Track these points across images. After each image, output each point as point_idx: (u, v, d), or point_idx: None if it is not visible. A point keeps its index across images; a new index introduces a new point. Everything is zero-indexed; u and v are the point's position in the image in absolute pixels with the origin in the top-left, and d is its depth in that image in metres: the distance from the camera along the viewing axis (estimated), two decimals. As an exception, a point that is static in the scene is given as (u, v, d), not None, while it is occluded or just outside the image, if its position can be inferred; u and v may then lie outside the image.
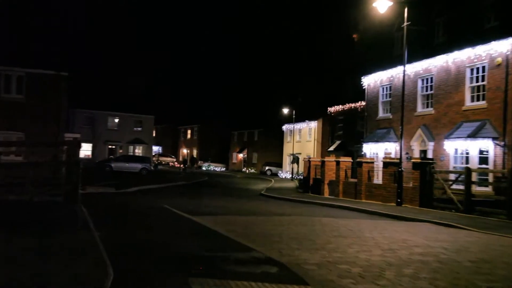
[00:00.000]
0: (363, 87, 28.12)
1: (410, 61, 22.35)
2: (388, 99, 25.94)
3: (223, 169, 65.29)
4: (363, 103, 31.82)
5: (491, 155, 18.74)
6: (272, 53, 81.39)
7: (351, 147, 34.94)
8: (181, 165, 56.88)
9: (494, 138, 18.59)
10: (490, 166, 18.60)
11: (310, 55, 64.69)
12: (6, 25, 26.66)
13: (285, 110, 48.46)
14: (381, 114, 26.49)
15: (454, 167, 20.26)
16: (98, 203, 16.02)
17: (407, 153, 22.97)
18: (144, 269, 6.06)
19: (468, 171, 16.29)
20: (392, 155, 24.13)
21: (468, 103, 20.35)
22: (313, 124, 46.32)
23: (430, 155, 21.78)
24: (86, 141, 49.42)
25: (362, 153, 27.07)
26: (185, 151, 76.34)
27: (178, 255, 6.99)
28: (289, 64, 74.39)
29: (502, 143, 18.35)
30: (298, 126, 48.73)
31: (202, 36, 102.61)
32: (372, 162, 22.34)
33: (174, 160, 71.90)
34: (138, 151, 54.67)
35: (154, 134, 69.75)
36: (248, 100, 75.49)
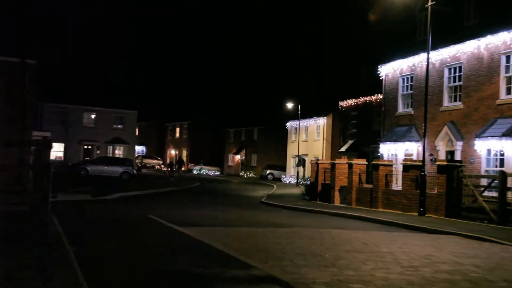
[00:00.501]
0: (380, 78, 28.13)
1: (435, 47, 22.36)
2: (409, 91, 25.97)
3: (218, 173, 65.29)
4: (380, 96, 31.77)
5: (529, 156, 18.77)
6: (275, 42, 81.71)
7: (366, 148, 34.96)
8: (167, 168, 56.88)
9: (532, 137, 18.61)
10: (528, 169, 18.63)
11: (319, 42, 64.84)
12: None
13: (289, 105, 48.49)
14: (401, 109, 26.51)
15: (486, 171, 20.28)
16: (72, 212, 16.01)
17: (431, 155, 22.99)
18: (126, 289, 6.08)
19: (503, 175, 16.30)
20: (414, 157, 24.15)
21: (503, 96, 20.36)
22: (322, 121, 46.35)
23: (458, 156, 21.80)
24: (58, 141, 49.38)
25: (379, 154, 27.06)
26: (173, 152, 76.29)
27: (166, 273, 7.01)
28: (294, 54, 74.67)
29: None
30: (304, 123, 48.75)
31: (195, 28, 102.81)
32: (391, 165, 22.33)
33: (161, 162, 71.88)
34: (119, 152, 54.66)
35: (137, 133, 69.67)
36: (247, 94, 75.68)
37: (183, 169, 67.69)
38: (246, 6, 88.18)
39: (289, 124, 52.55)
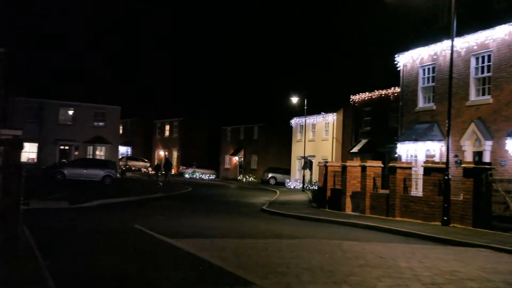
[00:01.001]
0: (397, 68, 28.11)
1: (460, 33, 22.31)
2: (431, 84, 25.95)
3: (213, 176, 65.38)
4: (397, 89, 31.71)
5: None
6: (278, 31, 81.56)
7: (381, 148, 34.94)
8: (154, 172, 56.86)
9: None
10: None
11: (328, 30, 64.84)
12: None
13: (294, 99, 48.48)
14: (421, 104, 26.50)
15: (519, 174, 20.26)
16: (47, 222, 15.96)
17: (456, 156, 22.96)
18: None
19: (538, 179, 16.25)
20: (436, 158, 24.13)
21: (537, 89, 20.32)
22: (331, 117, 46.35)
23: (487, 158, 21.76)
24: (30, 140, 49.37)
25: (396, 155, 27.03)
26: (162, 153, 76.33)
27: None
28: (300, 43, 74.54)
29: None
30: (311, 119, 48.75)
31: (188, 15, 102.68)
32: (410, 168, 22.30)
33: (148, 165, 71.99)
34: (100, 153, 54.68)
35: (121, 131, 69.69)
36: (246, 87, 75.61)
37: (173, 172, 67.78)
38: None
39: (294, 121, 52.52)
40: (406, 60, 27.40)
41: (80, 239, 12.66)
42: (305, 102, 45.89)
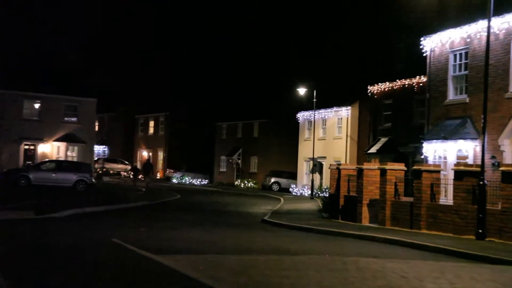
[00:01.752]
0: (423, 54, 28.07)
1: (498, 11, 22.23)
2: (463, 72, 25.90)
3: (205, 181, 65.34)
4: (423, 78, 31.58)
5: None
6: (286, 9, 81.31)
7: (404, 148, 34.88)
8: (130, 175, 56.88)
9: None
10: None
11: (341, 9, 64.68)
12: None
13: (302, 91, 48.42)
14: (451, 96, 26.45)
15: None
16: (8, 235, 15.91)
17: (493, 157, 22.91)
18: None
19: None
20: (469, 160, 24.08)
21: None
22: (345, 112, 46.32)
23: (529, 160, 21.72)
24: (-12, 139, 49.39)
25: (422, 156, 26.96)
26: (145, 153, 76.30)
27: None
28: (309, 25, 74.32)
29: None
30: (321, 114, 48.74)
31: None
32: (438, 171, 22.24)
33: (129, 168, 72.04)
34: (72, 154, 54.62)
35: (97, 128, 69.56)
36: (244, 76, 75.37)
37: (158, 176, 67.65)
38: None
39: (301, 117, 52.49)
40: (434, 44, 27.35)
41: (47, 254, 12.62)
42: (314, 93, 45.81)
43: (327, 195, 32.54)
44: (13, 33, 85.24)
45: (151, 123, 76.86)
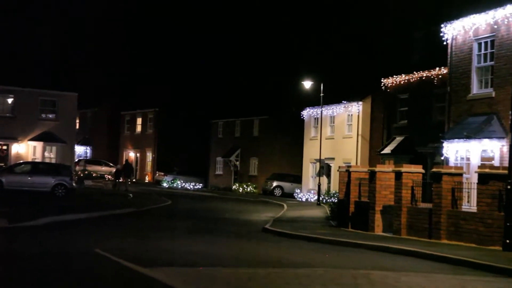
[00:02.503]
0: (444, 42, 28.02)
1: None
2: (489, 62, 25.85)
3: (199, 185, 65.29)
4: (444, 70, 31.52)
5: None
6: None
7: (422, 148, 34.84)
8: (112, 178, 56.79)
9: None
10: None
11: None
12: None
13: (307, 84, 48.29)
14: (475, 89, 26.40)
15: None
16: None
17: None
18: None
19: None
20: (495, 162, 24.02)
21: None
22: (356, 108, 46.25)
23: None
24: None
25: (442, 158, 26.92)
26: (132, 154, 76.26)
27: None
28: (314, 10, 74.31)
29: None
30: (329, 110, 48.66)
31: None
32: (460, 174, 22.19)
33: (114, 170, 72.04)
34: (50, 154, 54.58)
35: (78, 126, 69.47)
36: (245, 69, 75.20)
37: (147, 180, 67.65)
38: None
39: (306, 113, 52.43)
40: (456, 31, 27.30)
41: (19, 269, 12.57)
42: (321, 87, 45.75)
43: (335, 201, 32.54)
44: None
45: (139, 120, 76.76)
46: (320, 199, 43.90)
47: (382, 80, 40.36)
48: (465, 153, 25.66)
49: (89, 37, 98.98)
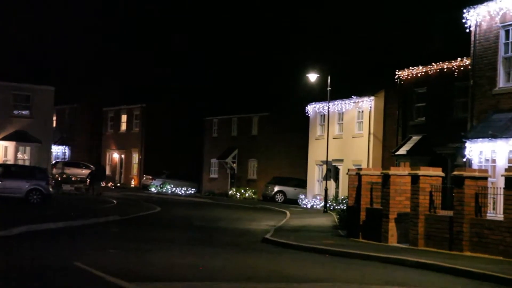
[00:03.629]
0: (467, 29, 27.97)
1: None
2: (517, 52, 25.83)
3: (192, 190, 65.20)
4: (466, 61, 31.44)
5: None
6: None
7: (442, 148, 34.82)
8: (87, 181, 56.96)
9: None
10: None
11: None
12: None
13: (312, 77, 48.22)
14: (502, 82, 26.36)
15: None
16: None
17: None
18: None
19: None
20: (524, 164, 24.00)
21: None
22: (367, 103, 46.17)
23: None
24: None
25: (464, 159, 26.89)
26: (116, 156, 76.15)
27: None
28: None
29: None
30: (337, 106, 48.58)
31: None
32: (485, 178, 22.12)
33: (88, 172, 72.09)
34: (24, 156, 54.52)
35: (55, 123, 69.33)
36: (243, 59, 75.12)
37: (133, 184, 67.60)
38: None
39: (311, 109, 52.36)
40: (480, 17, 27.27)
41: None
42: (329, 80, 45.70)
43: (344, 208, 32.48)
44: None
45: (124, 118, 76.62)
46: (327, 205, 43.89)
47: (396, 72, 40.31)
48: (490, 154, 25.63)
49: (67, 24, 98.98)
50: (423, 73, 38.25)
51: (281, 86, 61.10)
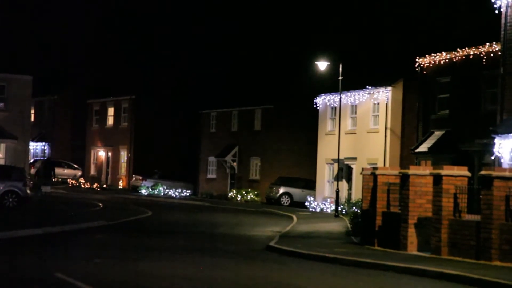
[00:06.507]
0: (496, 10, 27.93)
1: None
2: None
3: (187, 192, 65.24)
4: (495, 46, 31.43)
5: None
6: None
7: (468, 145, 34.83)
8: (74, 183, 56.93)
9: None
10: None
11: None
12: None
13: (322, 65, 48.16)
14: (535, 71, 26.34)
15: None
16: None
17: None
18: None
19: None
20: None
21: None
22: (384, 94, 46.22)
23: None
24: None
25: (493, 157, 26.90)
26: (102, 153, 76.21)
27: None
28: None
29: None
30: (350, 98, 48.64)
31: None
32: (516, 178, 22.14)
33: (79, 173, 71.98)
34: (-2, 154, 54.63)
35: (33, 117, 69.34)
36: (245, 48, 75.12)
37: (121, 185, 67.68)
38: None
39: (321, 101, 52.40)
40: (510, -3, 27.26)
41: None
42: (340, 69, 45.73)
43: (358, 212, 32.50)
44: None
45: (110, 111, 76.66)
46: (339, 209, 43.94)
47: (417, 60, 40.33)
48: (522, 151, 25.62)
49: (48, 9, 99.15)
50: (446, 60, 38.22)
51: (287, 76, 61.03)
